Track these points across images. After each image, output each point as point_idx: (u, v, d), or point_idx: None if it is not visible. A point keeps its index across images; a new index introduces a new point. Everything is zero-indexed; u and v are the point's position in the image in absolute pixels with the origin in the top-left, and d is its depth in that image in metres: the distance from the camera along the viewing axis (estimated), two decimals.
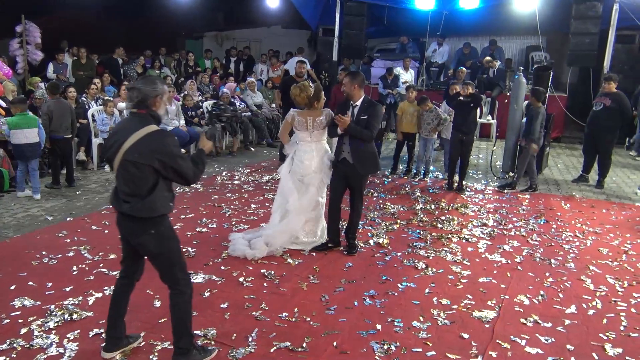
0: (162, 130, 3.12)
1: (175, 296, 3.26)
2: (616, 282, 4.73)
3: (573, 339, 3.76)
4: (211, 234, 5.67)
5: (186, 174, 3.13)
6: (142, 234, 3.14)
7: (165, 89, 3.21)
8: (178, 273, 3.25)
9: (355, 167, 5.00)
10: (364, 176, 5.15)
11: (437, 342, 3.65)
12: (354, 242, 5.26)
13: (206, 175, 8.19)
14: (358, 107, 4.98)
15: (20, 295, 4.10)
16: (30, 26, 9.96)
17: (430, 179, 8.45)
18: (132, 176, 3.04)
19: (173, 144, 3.09)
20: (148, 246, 3.17)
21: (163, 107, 3.22)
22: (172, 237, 3.26)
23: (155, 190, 3.06)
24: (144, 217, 3.08)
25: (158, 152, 3.00)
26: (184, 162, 3.11)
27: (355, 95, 4.98)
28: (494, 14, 13.06)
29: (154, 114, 3.14)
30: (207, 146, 3.46)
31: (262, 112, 11.24)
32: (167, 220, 3.22)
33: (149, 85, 3.13)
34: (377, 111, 5.03)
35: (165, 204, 3.14)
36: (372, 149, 5.08)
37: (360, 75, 5.08)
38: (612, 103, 7.88)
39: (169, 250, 3.22)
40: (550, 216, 6.63)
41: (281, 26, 16.93)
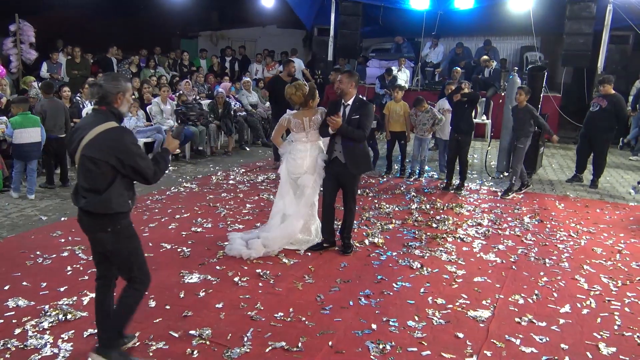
0: (120, 127, 3.11)
1: (128, 291, 3.30)
2: (610, 282, 4.75)
3: (567, 338, 3.78)
4: (206, 233, 5.66)
5: (145, 173, 3.11)
6: (98, 230, 3.15)
7: (127, 86, 3.19)
8: (135, 272, 3.26)
9: (346, 167, 4.99)
10: (356, 176, 5.14)
11: (432, 342, 3.65)
12: (349, 242, 5.25)
13: (201, 175, 8.18)
14: (350, 107, 4.97)
15: (14, 295, 4.08)
16: (24, 25, 9.91)
17: (425, 178, 8.47)
18: (89, 172, 3.04)
19: (131, 141, 3.08)
20: (104, 243, 3.19)
21: (126, 104, 3.20)
22: (130, 236, 3.25)
23: (111, 187, 3.05)
24: (100, 214, 3.09)
25: (115, 149, 3.00)
26: (142, 160, 3.09)
27: (350, 93, 4.99)
28: (489, 15, 13.11)
29: (115, 111, 3.12)
30: (172, 145, 3.44)
31: (257, 112, 11.24)
32: (125, 219, 3.20)
33: (111, 82, 3.12)
34: (369, 110, 5.03)
35: (123, 202, 3.12)
36: (364, 148, 5.08)
37: (356, 75, 5.15)
38: (608, 105, 7.92)
39: (126, 249, 3.22)
40: (544, 216, 6.66)
41: (276, 26, 16.91)
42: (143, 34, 14.09)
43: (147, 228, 5.75)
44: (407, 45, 14.17)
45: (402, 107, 8.28)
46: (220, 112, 10.02)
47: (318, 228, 5.41)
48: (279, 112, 6.23)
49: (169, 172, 8.39)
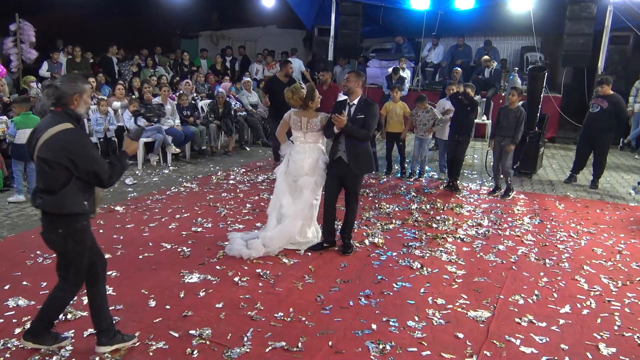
0: (75, 129, 3.10)
1: (58, 290, 3.34)
2: (610, 282, 4.75)
3: (567, 338, 3.78)
4: (206, 233, 5.66)
5: (99, 176, 3.10)
6: (51, 231, 3.17)
7: (85, 88, 3.18)
8: (71, 274, 3.29)
9: (350, 167, 5.00)
10: (358, 176, 5.14)
11: (432, 342, 3.66)
12: (350, 242, 5.26)
13: (201, 175, 8.18)
14: (355, 106, 5.00)
15: (14, 295, 4.08)
16: (25, 25, 9.91)
17: (426, 179, 8.47)
18: (44, 173, 3.05)
19: (85, 143, 3.08)
20: (54, 244, 3.22)
21: (83, 105, 3.19)
22: (81, 241, 3.24)
23: (65, 188, 3.05)
24: (54, 214, 3.10)
25: (68, 151, 3.00)
26: (96, 163, 3.08)
27: (356, 93, 5.01)
28: (489, 15, 13.10)
29: (70, 113, 3.12)
30: (130, 148, 3.40)
31: (257, 112, 11.23)
32: (79, 222, 3.19)
33: (67, 83, 3.13)
34: (374, 110, 5.05)
35: (78, 203, 3.11)
36: (368, 148, 5.09)
37: (364, 75, 5.23)
38: (609, 106, 7.92)
39: (72, 252, 3.23)
40: (544, 216, 6.66)
41: (276, 26, 16.90)
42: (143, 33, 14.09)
43: (147, 228, 5.75)
44: (407, 46, 14.17)
45: (402, 107, 8.28)
46: (221, 112, 10.02)
47: (316, 231, 5.41)
48: (277, 113, 6.24)
49: (169, 171, 8.40)
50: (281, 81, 8.12)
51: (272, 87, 8.27)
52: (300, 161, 5.17)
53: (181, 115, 9.43)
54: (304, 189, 5.19)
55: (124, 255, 4.98)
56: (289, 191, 5.24)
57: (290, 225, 5.17)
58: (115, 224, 5.83)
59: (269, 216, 5.34)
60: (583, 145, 8.44)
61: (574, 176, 8.52)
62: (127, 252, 5.07)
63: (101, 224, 5.79)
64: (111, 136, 8.43)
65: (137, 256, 4.96)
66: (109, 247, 5.13)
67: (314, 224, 5.42)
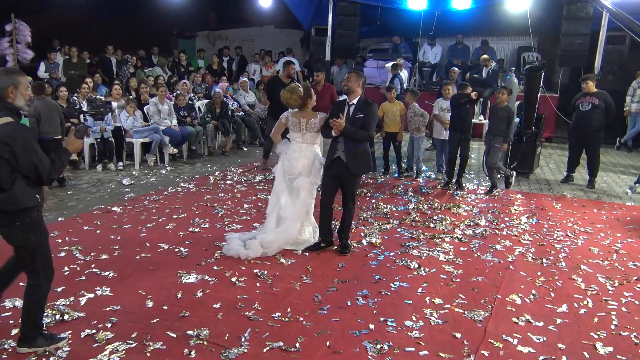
0: (14, 122, 3.11)
1: (31, 287, 3.34)
2: (607, 281, 4.76)
3: (564, 337, 3.78)
4: (204, 234, 5.66)
5: (38, 171, 3.12)
6: (8, 225, 3.19)
7: (20, 80, 3.21)
8: (39, 266, 3.31)
9: (348, 167, 5.00)
10: (356, 176, 5.14)
11: (429, 342, 3.66)
12: (347, 242, 5.26)
13: (199, 175, 8.17)
14: (354, 106, 4.99)
15: (11, 296, 4.05)
16: (20, 25, 9.86)
17: (423, 178, 8.48)
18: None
19: (26, 137, 3.09)
20: (15, 238, 3.24)
21: (21, 98, 3.20)
22: (39, 230, 3.28)
23: (15, 184, 3.08)
24: (11, 210, 3.12)
25: (9, 145, 3.01)
26: (36, 158, 3.09)
27: (355, 92, 5.00)
28: (486, 15, 13.12)
29: (9, 106, 3.14)
30: (73, 145, 3.40)
31: (254, 112, 11.23)
32: (34, 212, 3.22)
33: (2, 77, 3.15)
34: (373, 110, 5.04)
35: (29, 196, 3.15)
36: (367, 148, 5.08)
37: (364, 76, 5.23)
38: (600, 102, 7.96)
39: (36, 244, 3.26)
40: (541, 216, 6.67)
41: (274, 26, 16.89)
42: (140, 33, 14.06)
43: (144, 228, 5.74)
44: (404, 46, 14.19)
45: (398, 107, 8.30)
46: (218, 112, 10.02)
47: (313, 230, 5.41)
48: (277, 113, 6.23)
49: (166, 172, 8.39)
50: (282, 82, 8.11)
51: (274, 88, 8.23)
52: (295, 160, 5.19)
53: (178, 115, 9.42)
54: (300, 190, 5.19)
55: (121, 256, 4.97)
56: (287, 191, 5.25)
57: (289, 227, 5.16)
58: (112, 225, 5.81)
59: (268, 216, 5.34)
60: (575, 143, 8.45)
61: (570, 176, 8.54)
62: (125, 252, 5.06)
63: (98, 225, 5.78)
64: (108, 137, 8.41)
65: (134, 257, 4.96)
66: (107, 248, 5.13)
67: (312, 223, 5.42)
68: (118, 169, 8.43)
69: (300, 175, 5.19)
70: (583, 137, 8.24)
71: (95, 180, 7.77)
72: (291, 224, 5.16)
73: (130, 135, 8.68)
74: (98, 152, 8.45)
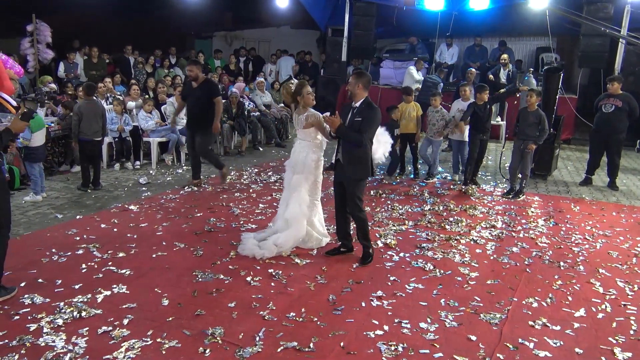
0: None
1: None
2: (626, 286, 4.69)
3: (582, 342, 3.74)
4: (219, 233, 5.69)
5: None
6: None
7: None
8: (1, 218, 3.86)
9: (345, 170, 4.90)
10: (355, 180, 4.88)
11: (444, 344, 3.64)
12: (366, 251, 5.02)
13: (215, 175, 8.21)
14: (357, 109, 4.85)
15: (30, 292, 4.13)
16: (41, 25, 10.03)
17: (439, 179, 8.43)
18: None
19: None
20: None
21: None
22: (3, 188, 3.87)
23: None
24: None
25: None
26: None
27: (358, 95, 4.84)
28: (504, 15, 13.01)
29: None
30: (16, 126, 3.70)
31: (270, 112, 11.26)
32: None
33: None
34: (372, 114, 4.77)
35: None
36: (363, 152, 4.80)
37: (366, 76, 4.90)
38: (623, 104, 7.87)
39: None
40: (559, 218, 6.59)
41: (290, 26, 16.93)
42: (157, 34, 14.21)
43: (160, 227, 5.79)
44: (421, 46, 14.11)
45: (415, 108, 8.25)
46: (234, 112, 10.06)
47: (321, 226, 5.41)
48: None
49: (182, 171, 8.45)
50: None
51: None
52: (292, 154, 5.30)
53: None
54: (296, 187, 5.18)
55: (138, 254, 5.02)
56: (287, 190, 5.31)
57: (297, 226, 5.15)
58: (129, 223, 5.87)
59: (279, 216, 5.35)
60: (597, 145, 8.34)
61: (589, 178, 8.43)
62: (141, 250, 5.10)
63: (115, 223, 5.84)
64: (126, 136, 8.50)
65: (150, 255, 5.00)
66: (123, 246, 5.18)
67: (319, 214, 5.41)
68: (135, 168, 8.51)
69: (294, 170, 5.21)
70: (605, 140, 8.14)
71: (113, 178, 7.85)
72: (296, 224, 5.13)
73: (148, 135, 8.76)
74: (116, 151, 8.54)
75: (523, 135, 7.30)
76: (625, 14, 10.70)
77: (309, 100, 5.16)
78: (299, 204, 5.16)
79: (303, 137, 5.22)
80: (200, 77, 7.28)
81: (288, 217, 5.16)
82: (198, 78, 7.26)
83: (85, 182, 7.15)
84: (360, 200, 4.94)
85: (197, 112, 7.27)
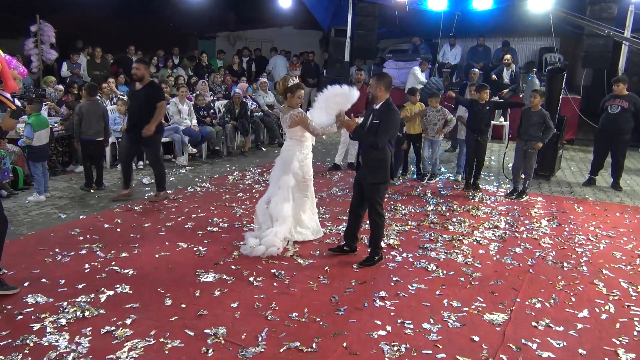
0: None
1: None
2: (630, 287, 4.68)
3: (585, 343, 3.73)
4: (222, 233, 5.69)
5: None
6: None
7: None
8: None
9: (364, 173, 4.92)
10: (373, 184, 4.84)
11: (447, 344, 3.63)
12: (371, 255, 4.99)
13: (218, 175, 8.22)
14: (377, 111, 4.84)
15: (33, 292, 4.14)
16: (45, 26, 10.06)
17: (442, 180, 8.41)
18: None
19: None
20: None
21: None
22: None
23: None
24: None
25: None
26: None
27: (380, 97, 4.84)
28: (507, 15, 12.97)
29: None
30: (6, 124, 3.74)
31: (273, 112, 11.26)
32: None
33: None
34: (390, 116, 4.77)
35: None
36: (381, 155, 4.77)
37: (388, 78, 4.90)
38: (629, 105, 7.86)
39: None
40: (563, 219, 6.57)
41: (293, 27, 16.91)
42: (160, 34, 14.22)
43: (163, 227, 5.79)
44: (424, 47, 14.09)
45: (420, 108, 8.25)
46: (237, 113, 10.06)
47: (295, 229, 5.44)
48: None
49: (185, 171, 8.46)
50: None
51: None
52: (281, 152, 5.43)
53: (198, 115, 9.50)
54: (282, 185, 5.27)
55: (141, 254, 5.03)
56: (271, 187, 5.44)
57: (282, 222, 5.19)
58: (132, 223, 5.88)
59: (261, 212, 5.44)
60: (601, 146, 8.33)
61: (593, 179, 8.41)
62: (144, 250, 5.11)
63: (118, 223, 5.85)
64: None
65: (153, 255, 5.01)
66: (126, 246, 5.19)
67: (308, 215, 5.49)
68: (138, 168, 8.51)
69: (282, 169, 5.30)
70: (610, 140, 8.13)
71: (117, 178, 7.86)
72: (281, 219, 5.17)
73: None
74: (119, 151, 8.54)
75: (527, 136, 7.28)
76: (629, 15, 10.67)
77: (295, 102, 5.26)
78: (282, 200, 5.21)
79: (290, 136, 5.33)
80: (145, 79, 6.65)
81: (272, 213, 5.24)
82: (143, 79, 6.63)
83: (88, 182, 7.17)
84: (380, 205, 4.94)
85: (139, 116, 6.63)
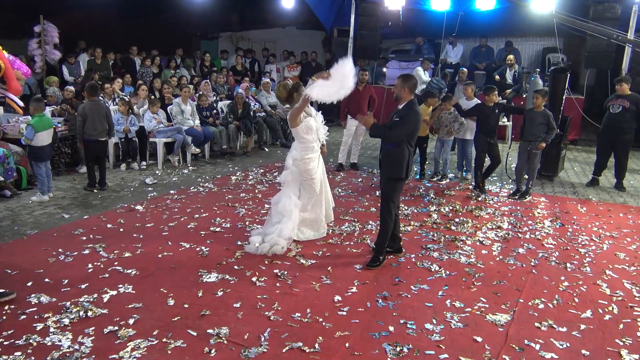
0: None
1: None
2: (633, 287, 4.67)
3: (588, 344, 3.72)
4: (225, 233, 5.70)
5: None
6: None
7: None
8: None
9: (381, 168, 5.06)
10: (388, 179, 4.93)
11: (450, 345, 3.63)
12: (377, 256, 4.97)
13: (220, 175, 8.23)
14: (399, 110, 4.95)
15: (36, 291, 4.15)
16: (49, 26, 10.08)
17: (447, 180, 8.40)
18: None
19: None
20: None
21: None
22: None
23: None
24: None
25: None
26: None
27: (403, 98, 4.91)
28: (510, 15, 12.97)
29: None
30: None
31: (276, 113, 11.27)
32: None
33: None
34: (409, 116, 4.82)
35: None
36: (398, 152, 4.83)
37: (412, 80, 4.96)
38: (631, 105, 7.85)
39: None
40: (566, 219, 6.56)
41: (296, 27, 16.94)
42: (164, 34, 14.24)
43: (166, 227, 5.80)
44: (427, 47, 14.10)
45: (426, 110, 8.24)
46: (240, 113, 10.08)
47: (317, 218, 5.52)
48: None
49: (188, 171, 8.47)
50: None
51: None
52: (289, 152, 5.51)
53: (201, 116, 9.51)
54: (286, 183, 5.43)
55: (144, 254, 5.04)
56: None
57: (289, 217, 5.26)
58: (135, 223, 5.89)
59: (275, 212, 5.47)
60: (604, 146, 8.32)
61: (596, 179, 8.39)
62: (147, 250, 5.12)
63: (121, 223, 5.86)
64: (132, 136, 8.52)
65: (156, 255, 5.02)
66: (129, 246, 5.20)
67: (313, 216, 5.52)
68: (141, 169, 8.53)
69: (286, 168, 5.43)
70: (612, 140, 8.12)
71: (120, 179, 7.88)
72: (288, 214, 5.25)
73: (154, 135, 8.79)
74: (122, 151, 8.57)
75: (530, 136, 7.27)
76: (633, 15, 10.64)
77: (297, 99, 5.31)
78: (288, 197, 5.31)
79: (293, 135, 5.42)
80: None
81: (280, 210, 5.31)
82: None
83: (91, 182, 7.19)
84: (393, 203, 4.96)
85: None
